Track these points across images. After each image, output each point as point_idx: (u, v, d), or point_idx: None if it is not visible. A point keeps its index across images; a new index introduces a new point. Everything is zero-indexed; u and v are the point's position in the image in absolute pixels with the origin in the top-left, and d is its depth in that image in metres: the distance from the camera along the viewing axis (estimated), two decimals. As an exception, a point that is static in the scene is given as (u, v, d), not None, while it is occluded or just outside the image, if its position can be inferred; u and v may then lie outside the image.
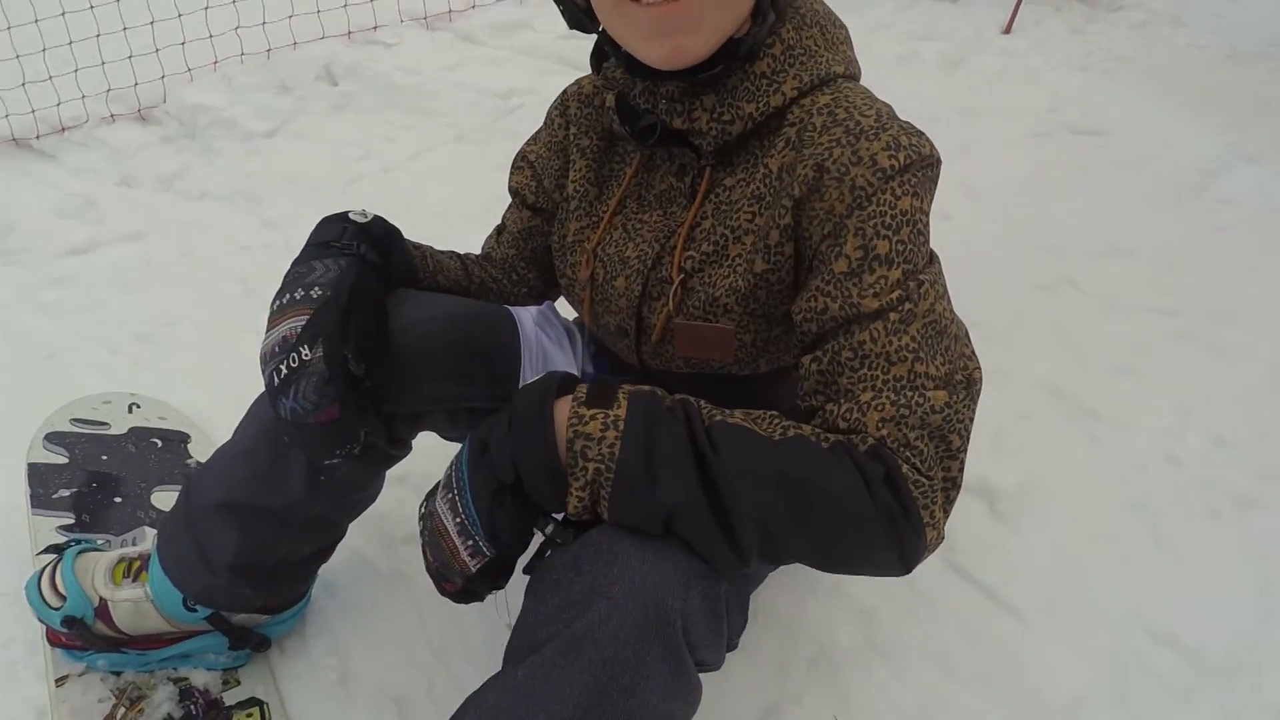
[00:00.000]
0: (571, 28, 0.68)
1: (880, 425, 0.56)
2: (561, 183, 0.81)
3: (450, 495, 0.58)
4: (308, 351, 0.64)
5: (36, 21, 2.16)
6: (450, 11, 2.47)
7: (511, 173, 0.88)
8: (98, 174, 2.05)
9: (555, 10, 0.68)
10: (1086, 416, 1.36)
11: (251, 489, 0.79)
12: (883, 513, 0.54)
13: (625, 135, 0.71)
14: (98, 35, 2.20)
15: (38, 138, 2.10)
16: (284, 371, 0.65)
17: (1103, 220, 1.86)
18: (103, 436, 1.18)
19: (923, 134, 0.61)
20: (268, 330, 0.69)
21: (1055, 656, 1.02)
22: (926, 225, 0.61)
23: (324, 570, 0.96)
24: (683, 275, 0.69)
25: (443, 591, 0.62)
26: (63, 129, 2.14)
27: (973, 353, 0.61)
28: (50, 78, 2.13)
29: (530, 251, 0.89)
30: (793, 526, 0.54)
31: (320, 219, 0.76)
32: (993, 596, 1.08)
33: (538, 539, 0.60)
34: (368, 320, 0.69)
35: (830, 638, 1.01)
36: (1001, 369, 1.42)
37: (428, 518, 0.62)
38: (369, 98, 2.17)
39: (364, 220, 0.75)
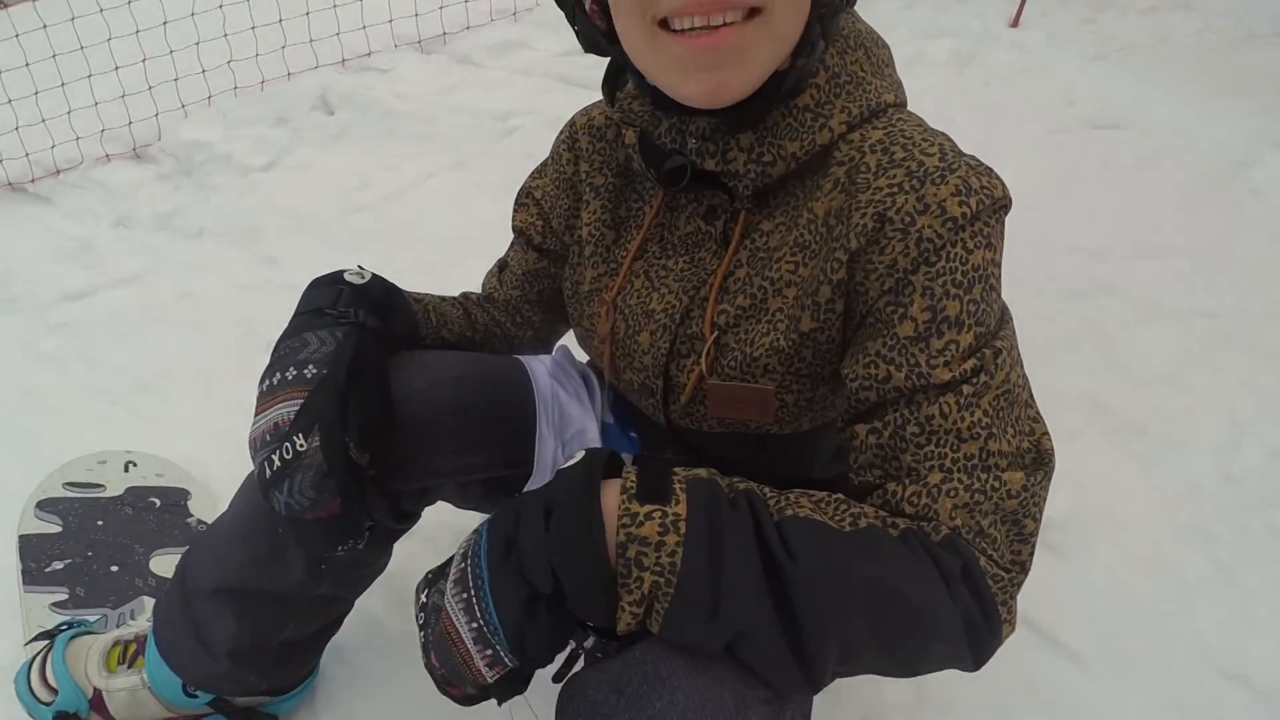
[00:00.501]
0: (587, 51, 0.61)
1: (953, 513, 0.50)
2: (572, 223, 0.74)
3: (465, 595, 0.49)
4: (303, 441, 0.58)
5: (27, 65, 2.14)
6: (444, 34, 2.43)
7: (515, 210, 0.81)
8: (94, 215, 2.03)
9: (551, 28, 0.61)
10: (1134, 434, 1.29)
11: (250, 574, 0.73)
12: (962, 614, 0.48)
13: (650, 178, 0.64)
14: (89, 75, 2.18)
15: (33, 181, 2.08)
16: (276, 464, 0.58)
17: (1133, 219, 1.78)
18: (98, 500, 1.13)
19: (992, 171, 0.54)
20: (257, 414, 0.62)
21: (1119, 704, 0.95)
22: (999, 279, 0.54)
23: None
24: (716, 332, 0.62)
25: (447, 694, 0.54)
26: (58, 171, 2.12)
27: (1038, 414, 0.55)
28: (44, 120, 2.11)
29: (536, 295, 0.83)
30: (873, 642, 0.47)
31: (310, 281, 0.69)
32: (1050, 638, 1.01)
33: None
34: (370, 401, 0.62)
35: (879, 695, 0.94)
36: (1041, 385, 1.31)
37: (432, 613, 0.52)
38: (366, 126, 2.13)
39: (361, 281, 0.68)
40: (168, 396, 1.44)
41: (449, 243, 1.72)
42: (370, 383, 0.62)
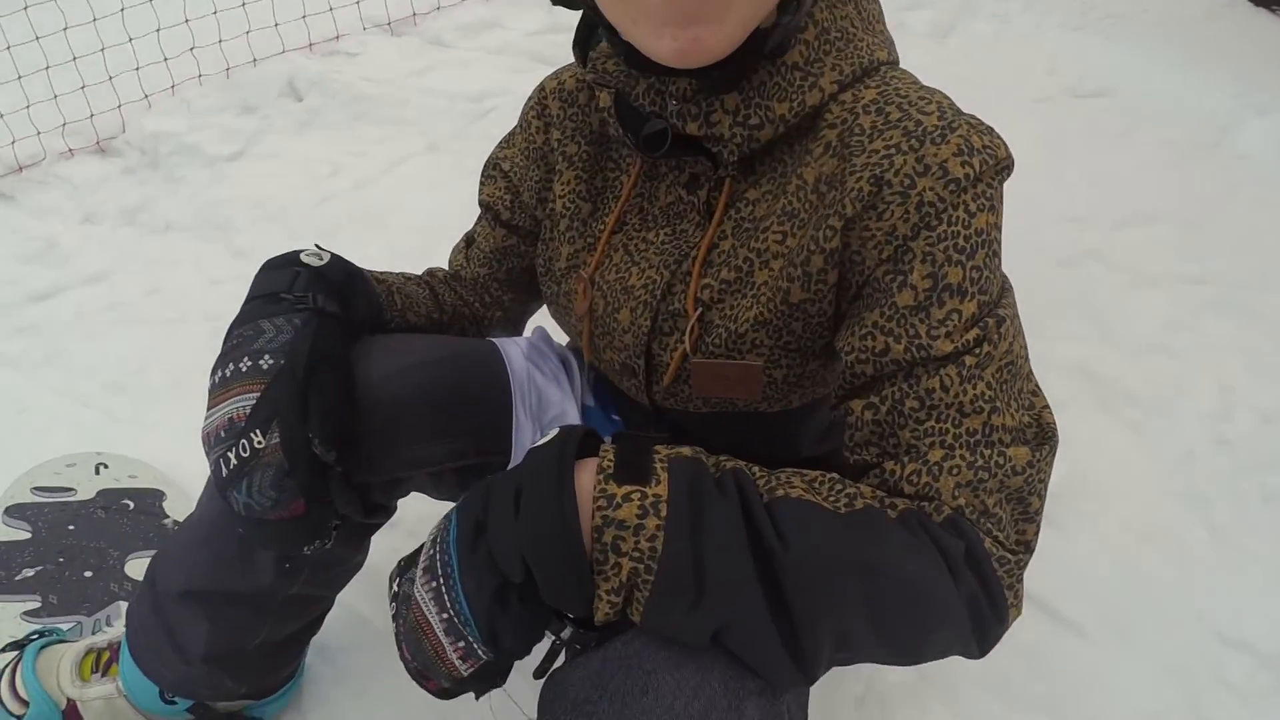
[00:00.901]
0: (556, 3, 0.56)
1: (956, 492, 0.47)
2: (545, 196, 0.70)
3: (434, 584, 0.46)
4: (261, 438, 0.54)
5: (-24, 58, 2.06)
6: (414, 15, 2.36)
7: (482, 183, 0.77)
8: (59, 213, 1.97)
9: (524, 6, 0.56)
10: (1125, 401, 1.28)
11: (218, 576, 0.69)
12: (967, 601, 0.45)
13: (627, 143, 0.60)
14: (47, 68, 2.10)
15: (-6, 180, 2.02)
16: (233, 461, 0.54)
17: (1119, 186, 1.77)
18: (68, 504, 1.08)
19: (993, 130, 0.52)
20: (210, 408, 0.58)
21: (1122, 674, 0.94)
22: (1000, 243, 0.51)
23: (316, 634, 0.87)
24: (700, 308, 0.58)
25: (424, 687, 0.51)
26: (20, 168, 2.05)
27: (1037, 387, 0.52)
28: (2, 116, 2.03)
29: (505, 273, 0.79)
30: (871, 630, 0.45)
31: (264, 263, 0.65)
32: (1049, 612, 1.00)
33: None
34: (332, 392, 0.58)
35: (878, 673, 0.93)
36: (1031, 356, 1.33)
37: (403, 603, 0.49)
38: (336, 111, 2.07)
39: (319, 263, 0.64)
40: (140, 396, 1.40)
41: (424, 229, 1.67)
42: (331, 372, 0.59)
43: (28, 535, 1.04)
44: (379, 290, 0.71)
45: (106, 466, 1.14)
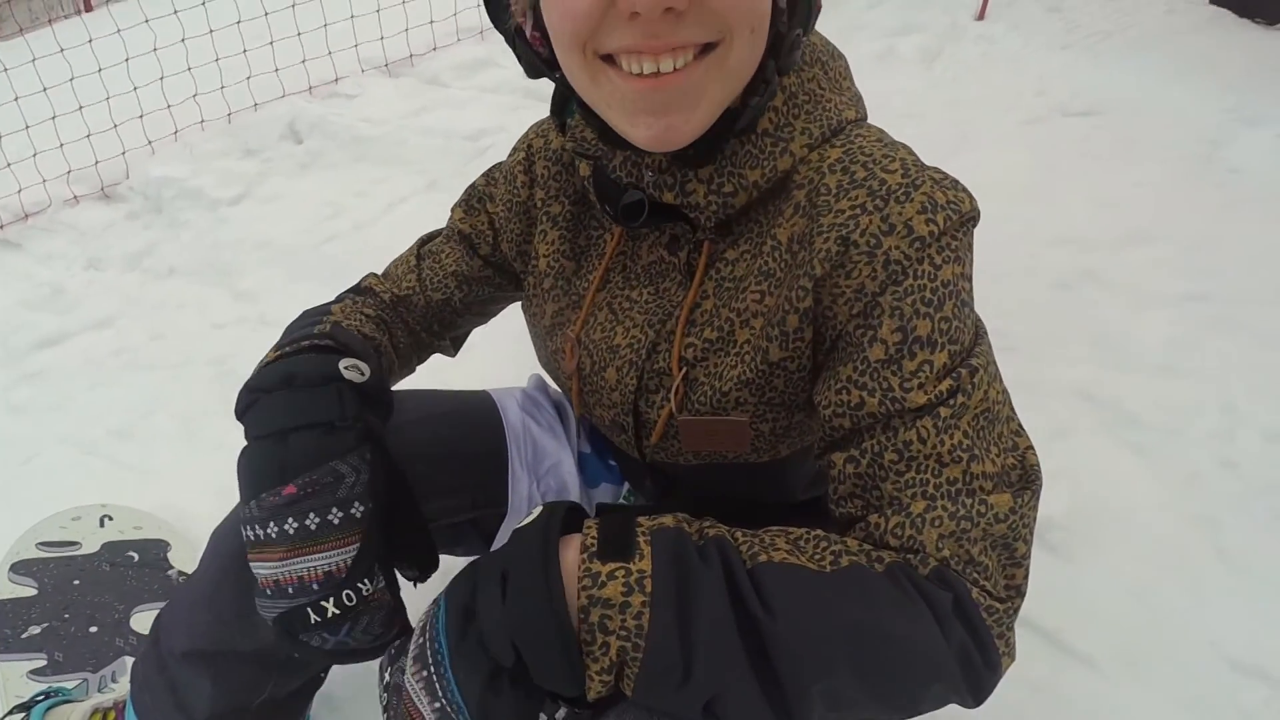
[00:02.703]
0: (531, 77, 0.57)
1: (940, 543, 0.47)
2: (524, 249, 0.71)
3: (425, 673, 0.46)
4: (369, 586, 0.54)
5: (-13, 110, 2.11)
6: (411, 56, 2.40)
7: (464, 212, 0.74)
8: (65, 259, 1.99)
9: None
10: (1128, 424, 1.27)
11: (219, 635, 0.69)
12: (957, 653, 0.45)
13: (607, 217, 0.61)
14: (54, 117, 2.15)
15: (1, 227, 2.04)
16: (330, 611, 0.54)
17: (1114, 205, 1.77)
18: (74, 558, 1.09)
19: (958, 184, 0.52)
20: (295, 555, 0.55)
21: (1135, 707, 0.93)
22: (970, 292, 0.52)
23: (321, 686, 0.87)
24: (685, 367, 0.59)
25: None
26: (26, 216, 2.08)
27: (1020, 427, 0.52)
28: (9, 165, 2.07)
29: (474, 299, 0.77)
30: (862, 690, 0.45)
31: (301, 361, 0.60)
32: (1060, 644, 0.99)
33: None
34: (412, 522, 0.59)
35: (887, 714, 0.91)
36: (1031, 381, 1.33)
37: (393, 693, 0.48)
38: (336, 153, 2.10)
39: (361, 379, 0.60)
40: (145, 442, 1.41)
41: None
42: (406, 501, 0.59)
43: (34, 591, 1.04)
44: (383, 367, 0.70)
45: (111, 519, 1.14)
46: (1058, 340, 1.43)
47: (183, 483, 1.29)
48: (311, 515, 0.54)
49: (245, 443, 0.59)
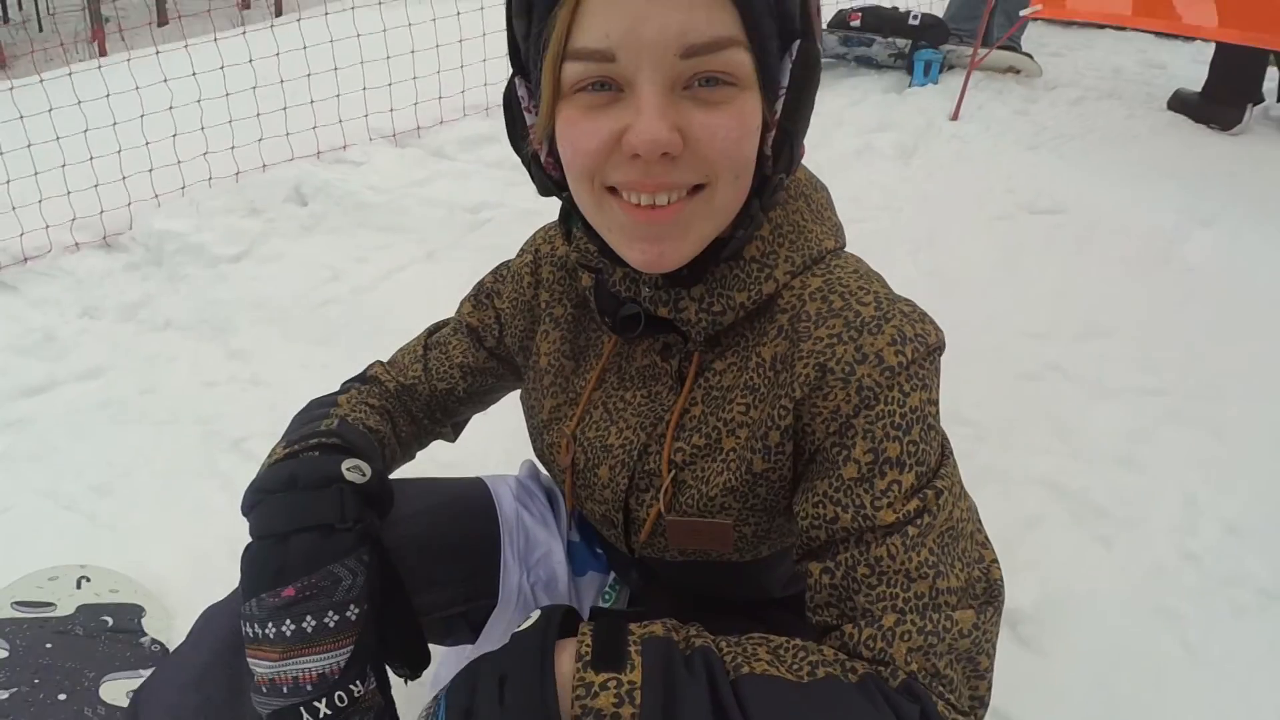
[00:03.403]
0: (543, 195, 0.62)
1: (909, 657, 0.51)
2: (527, 344, 0.76)
3: None
4: (360, 687, 0.56)
5: (0, 155, 2.15)
6: (419, 128, 2.51)
7: (472, 307, 0.79)
8: (59, 305, 1.99)
9: None
10: (1095, 516, 1.32)
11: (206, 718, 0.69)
12: None
13: (605, 326, 0.66)
14: (63, 165, 2.19)
15: (-1, 269, 2.05)
16: (323, 711, 0.56)
17: (1075, 300, 1.87)
18: (48, 620, 1.07)
19: (925, 317, 0.58)
20: (291, 657, 0.56)
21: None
22: (936, 415, 0.57)
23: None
24: (674, 469, 0.63)
25: None
26: (25, 259, 2.08)
27: (986, 539, 0.57)
28: (14, 208, 2.09)
29: (477, 388, 0.81)
30: None
31: (303, 464, 0.62)
32: (1028, 737, 1.00)
33: None
34: (406, 622, 0.61)
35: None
36: (1002, 469, 1.38)
37: None
38: (339, 217, 2.17)
39: (362, 479, 0.62)
40: (124, 500, 1.40)
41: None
42: (401, 599, 0.61)
43: (5, 654, 1.02)
44: (385, 457, 0.73)
45: (89, 580, 1.13)
46: (1026, 429, 1.49)
47: (160, 546, 1.28)
48: (308, 618, 0.56)
49: (249, 539, 0.61)
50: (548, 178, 0.59)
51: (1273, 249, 2.04)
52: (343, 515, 0.59)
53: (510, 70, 0.57)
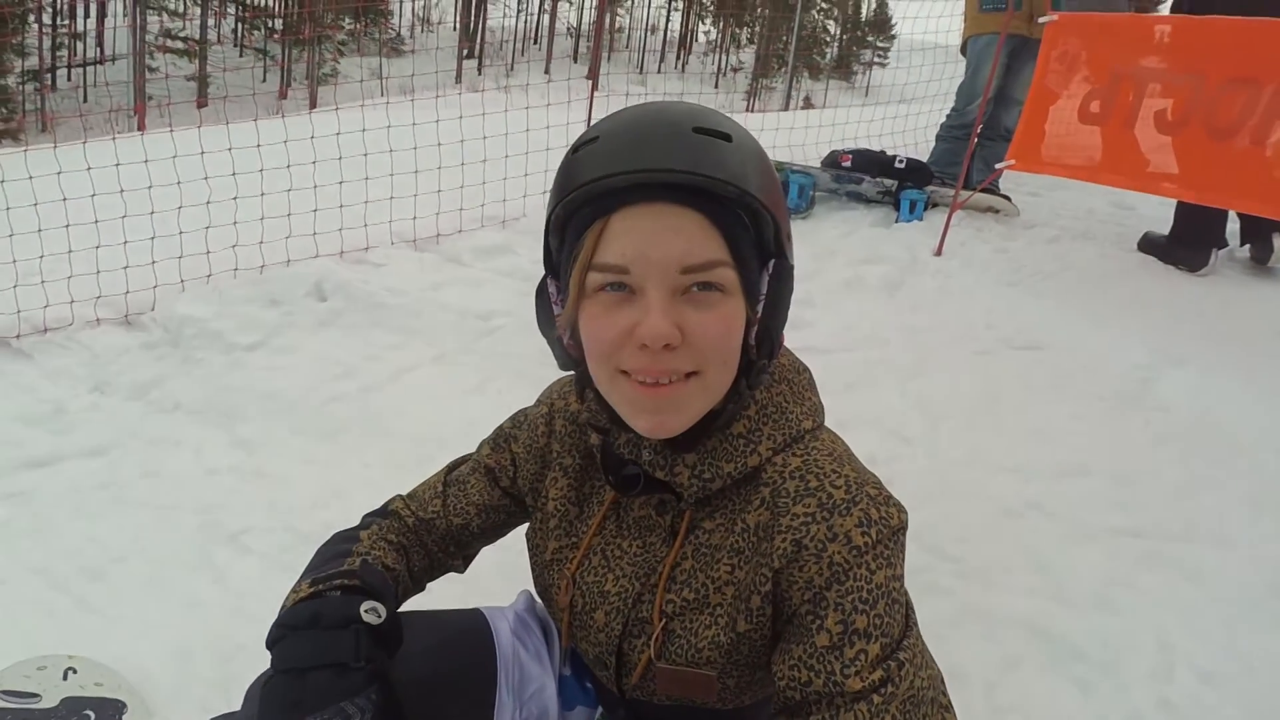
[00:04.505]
0: (564, 369, 0.72)
1: None
2: (536, 487, 0.83)
3: None
4: None
5: (40, 231, 2.25)
6: (438, 235, 2.68)
7: (491, 449, 0.87)
8: (71, 378, 2.03)
9: (534, 235, 0.70)
10: (1074, 658, 1.34)
11: None
12: None
13: (608, 482, 0.74)
14: (97, 246, 2.30)
15: (18, 337, 2.10)
16: None
17: (1054, 437, 1.94)
18: (32, 711, 1.06)
19: (889, 499, 0.66)
20: None
21: None
22: (901, 589, 0.64)
23: None
24: (664, 619, 0.70)
25: None
26: (45, 330, 2.14)
27: (948, 703, 0.62)
28: (43, 281, 2.17)
29: (491, 524, 0.88)
30: None
31: (326, 628, 0.65)
32: None
33: None
34: None
35: None
36: (985, 609, 1.41)
37: None
38: (355, 314, 2.27)
39: (378, 621, 0.66)
40: (116, 586, 1.40)
41: (423, 440, 1.77)
42: None
43: (-20, 746, 1.01)
44: (399, 595, 0.78)
45: (75, 671, 1.13)
46: (1007, 568, 1.53)
47: (145, 637, 1.28)
48: None
49: (271, 672, 0.65)
50: (568, 355, 0.69)
51: (1241, 389, 2.11)
52: (357, 655, 0.63)
53: (543, 271, 0.69)
